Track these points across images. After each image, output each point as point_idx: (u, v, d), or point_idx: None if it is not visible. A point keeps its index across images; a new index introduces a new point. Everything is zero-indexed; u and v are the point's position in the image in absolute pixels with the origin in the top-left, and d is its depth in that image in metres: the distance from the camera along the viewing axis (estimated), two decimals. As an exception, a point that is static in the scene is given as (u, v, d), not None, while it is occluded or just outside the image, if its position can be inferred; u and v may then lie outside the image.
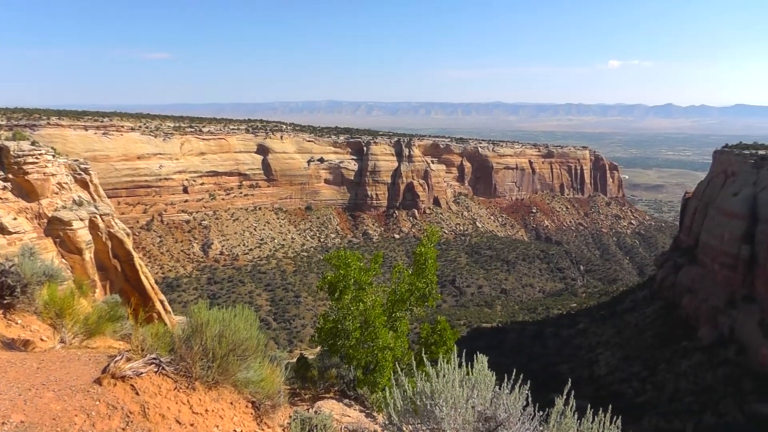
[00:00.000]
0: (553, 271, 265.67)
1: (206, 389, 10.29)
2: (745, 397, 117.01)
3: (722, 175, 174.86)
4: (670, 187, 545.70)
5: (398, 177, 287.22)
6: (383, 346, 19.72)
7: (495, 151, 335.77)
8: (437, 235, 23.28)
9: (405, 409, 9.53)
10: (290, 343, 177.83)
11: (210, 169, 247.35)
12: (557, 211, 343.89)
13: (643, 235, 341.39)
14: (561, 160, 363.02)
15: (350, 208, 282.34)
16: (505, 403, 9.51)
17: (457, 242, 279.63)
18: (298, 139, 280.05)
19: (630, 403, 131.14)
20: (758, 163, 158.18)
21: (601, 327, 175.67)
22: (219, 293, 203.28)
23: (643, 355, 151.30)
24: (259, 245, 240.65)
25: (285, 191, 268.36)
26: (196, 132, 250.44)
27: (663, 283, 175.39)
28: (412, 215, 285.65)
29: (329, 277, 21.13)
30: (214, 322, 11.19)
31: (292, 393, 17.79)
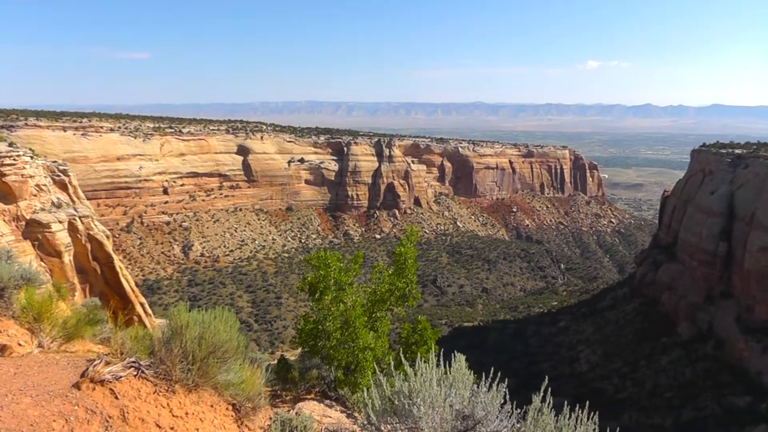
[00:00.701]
0: (534, 269, 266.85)
1: (186, 392, 10.22)
2: (723, 390, 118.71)
3: (700, 173, 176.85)
4: (649, 186, 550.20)
5: (379, 177, 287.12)
6: (364, 347, 19.72)
7: (475, 151, 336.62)
8: (417, 235, 23.30)
9: (383, 408, 9.57)
10: (272, 344, 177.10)
11: (190, 170, 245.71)
12: (538, 211, 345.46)
13: (622, 233, 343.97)
14: (541, 159, 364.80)
15: (331, 208, 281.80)
16: (483, 402, 9.59)
17: (438, 242, 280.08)
18: (279, 139, 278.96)
19: (611, 400, 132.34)
20: (735, 162, 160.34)
21: (582, 324, 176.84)
22: (200, 295, 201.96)
23: (624, 351, 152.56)
24: (239, 246, 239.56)
25: (265, 192, 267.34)
26: (176, 133, 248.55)
27: (643, 280, 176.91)
28: (393, 215, 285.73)
29: (309, 278, 21.10)
30: (194, 325, 11.14)
31: (273, 395, 17.76)
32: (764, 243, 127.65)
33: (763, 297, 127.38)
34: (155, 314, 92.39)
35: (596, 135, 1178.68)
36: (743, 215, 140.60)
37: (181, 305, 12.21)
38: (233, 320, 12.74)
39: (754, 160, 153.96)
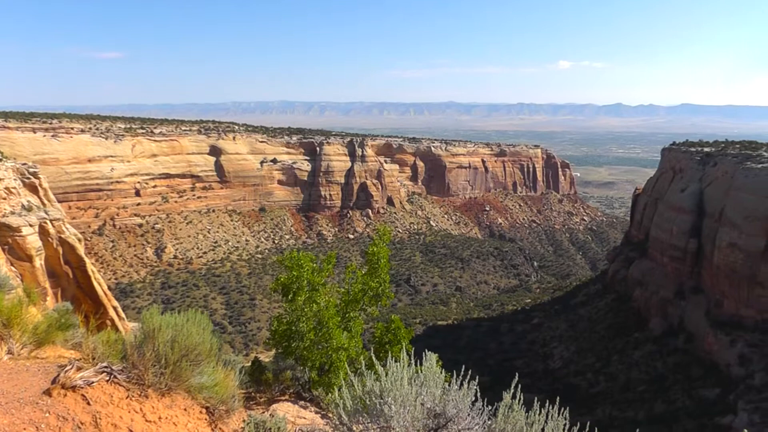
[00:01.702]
0: (507, 267, 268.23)
1: (159, 396, 10.16)
2: (693, 383, 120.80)
3: (670, 171, 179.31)
4: (621, 184, 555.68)
5: (352, 177, 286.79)
6: (337, 347, 19.77)
7: (448, 151, 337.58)
8: (389, 235, 23.40)
9: (355, 408, 9.63)
10: (246, 346, 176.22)
11: (162, 171, 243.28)
12: (510, 209, 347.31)
13: (595, 230, 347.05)
14: (513, 158, 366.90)
15: (304, 208, 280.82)
16: (454, 399, 9.70)
17: (412, 241, 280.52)
18: (251, 139, 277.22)
19: (585, 395, 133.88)
20: (704, 160, 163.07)
21: (555, 321, 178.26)
22: (173, 298, 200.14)
23: (597, 347, 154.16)
24: (213, 248, 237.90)
25: (238, 193, 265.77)
26: (148, 133, 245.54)
27: (615, 276, 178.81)
28: (366, 215, 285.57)
29: (282, 279, 21.08)
30: (167, 328, 11.09)
31: (247, 397, 17.73)
32: (732, 239, 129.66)
33: (732, 291, 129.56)
34: (128, 318, 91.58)
35: (568, 134, 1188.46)
36: (712, 212, 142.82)
37: (153, 308, 12.16)
38: (206, 322, 12.70)
39: (722, 158, 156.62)
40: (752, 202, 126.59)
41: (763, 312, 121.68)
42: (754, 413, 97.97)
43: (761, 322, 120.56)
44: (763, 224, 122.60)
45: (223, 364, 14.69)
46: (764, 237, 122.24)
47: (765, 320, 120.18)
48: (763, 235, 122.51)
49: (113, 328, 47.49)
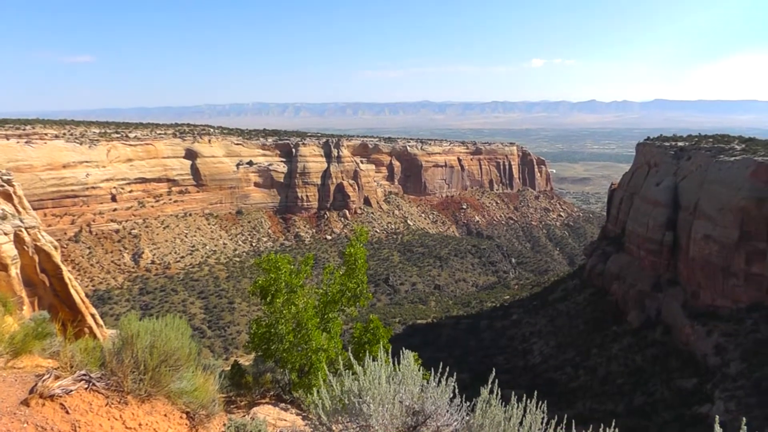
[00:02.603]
0: (486, 265, 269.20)
1: (139, 402, 10.14)
2: (671, 374, 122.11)
3: (645, 166, 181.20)
4: (597, 180, 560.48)
5: (328, 178, 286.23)
6: (317, 348, 19.81)
7: (424, 150, 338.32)
8: (366, 235, 23.48)
9: (334, 408, 9.70)
10: (226, 350, 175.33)
11: (138, 175, 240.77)
12: (487, 207, 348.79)
13: (571, 226, 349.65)
14: (489, 156, 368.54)
15: (281, 210, 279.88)
16: (432, 396, 9.81)
17: (389, 241, 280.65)
18: (227, 142, 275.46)
19: (565, 389, 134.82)
20: (678, 154, 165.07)
21: (534, 317, 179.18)
22: (152, 303, 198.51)
23: (576, 341, 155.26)
24: (190, 252, 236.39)
25: (215, 196, 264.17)
26: (123, 138, 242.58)
27: (592, 271, 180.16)
28: (344, 216, 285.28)
29: (260, 282, 21.11)
30: (145, 333, 11.08)
31: (227, 401, 17.74)
32: (707, 231, 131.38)
33: (707, 283, 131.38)
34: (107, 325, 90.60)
35: (543, 131, 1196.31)
36: (687, 205, 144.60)
37: (131, 314, 12.12)
38: (185, 327, 12.69)
39: (696, 152, 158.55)
40: (725, 194, 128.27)
41: (738, 302, 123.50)
42: (730, 401, 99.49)
43: (736, 312, 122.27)
44: (737, 216, 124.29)
45: (203, 368, 14.69)
46: (738, 228, 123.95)
47: (740, 310, 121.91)
48: (736, 227, 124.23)
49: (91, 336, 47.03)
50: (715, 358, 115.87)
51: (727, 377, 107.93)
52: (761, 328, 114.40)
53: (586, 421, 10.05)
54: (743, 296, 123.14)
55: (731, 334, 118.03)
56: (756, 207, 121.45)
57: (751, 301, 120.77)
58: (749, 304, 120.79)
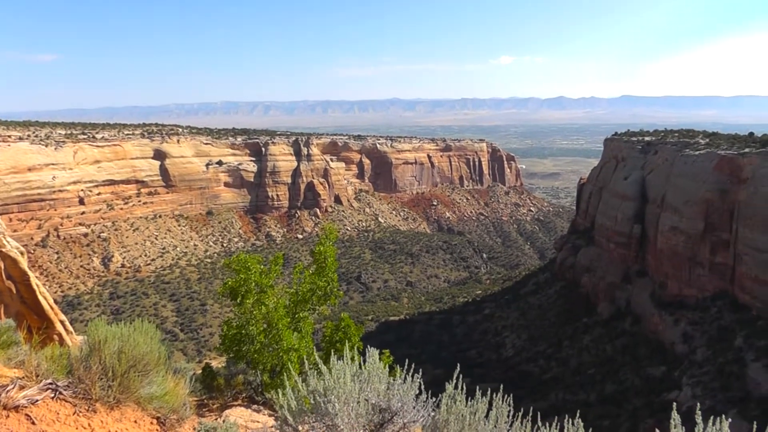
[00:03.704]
0: (457, 260, 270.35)
1: (108, 410, 10.02)
2: (641, 363, 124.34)
3: (613, 161, 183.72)
4: (566, 174, 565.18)
5: (298, 176, 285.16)
6: (288, 348, 19.76)
7: (393, 147, 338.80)
8: (336, 233, 23.47)
9: (300, 408, 9.77)
10: (199, 353, 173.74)
11: (106, 177, 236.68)
12: (458, 203, 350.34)
13: (542, 220, 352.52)
14: (459, 153, 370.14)
15: (252, 210, 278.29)
16: (398, 394, 9.93)
17: (361, 238, 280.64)
18: (196, 142, 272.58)
19: (538, 381, 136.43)
20: (645, 149, 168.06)
21: (506, 311, 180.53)
22: (123, 308, 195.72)
23: (548, 334, 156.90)
24: (161, 255, 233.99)
25: (185, 197, 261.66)
26: (90, 139, 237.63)
27: (563, 264, 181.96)
28: (314, 214, 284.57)
29: (230, 282, 21.01)
30: (113, 339, 10.99)
31: (199, 404, 17.68)
32: (674, 223, 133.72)
33: (675, 273, 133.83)
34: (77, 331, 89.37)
35: (512, 127, 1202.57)
36: (654, 198, 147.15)
37: (98, 320, 12.02)
38: (153, 331, 12.62)
39: (662, 146, 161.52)
40: (691, 187, 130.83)
41: (704, 291, 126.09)
42: (697, 387, 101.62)
43: (702, 300, 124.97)
44: (702, 208, 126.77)
45: (173, 372, 14.64)
46: (703, 220, 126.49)
47: (705, 298, 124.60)
48: (701, 218, 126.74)
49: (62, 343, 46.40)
50: (683, 346, 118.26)
51: (693, 364, 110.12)
52: (725, 316, 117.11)
53: (558, 412, 10.24)
54: (708, 285, 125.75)
55: (697, 322, 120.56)
56: (720, 199, 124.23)
57: (716, 290, 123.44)
58: (714, 293, 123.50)
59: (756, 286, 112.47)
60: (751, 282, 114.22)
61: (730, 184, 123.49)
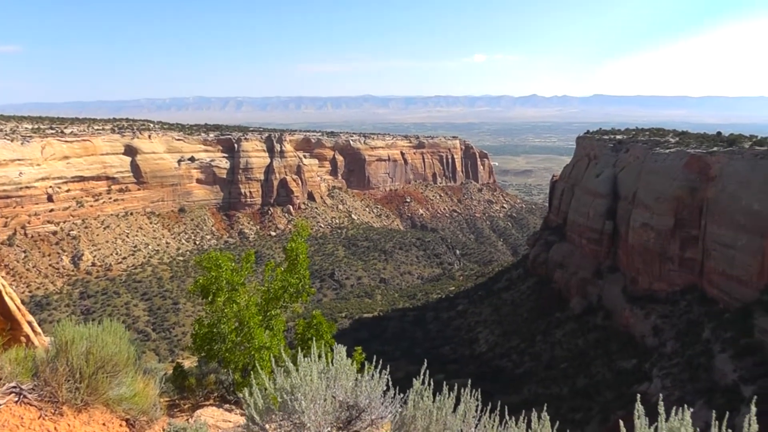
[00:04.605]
0: (430, 257, 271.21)
1: (75, 412, 9.84)
2: (613, 356, 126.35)
3: (585, 158, 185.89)
4: (539, 172, 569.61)
5: (271, 173, 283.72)
6: (260, 346, 19.67)
7: (367, 144, 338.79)
8: (308, 230, 23.38)
9: (267, 407, 9.78)
10: (172, 352, 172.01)
11: (76, 174, 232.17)
12: (431, 200, 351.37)
13: (515, 217, 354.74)
14: (432, 150, 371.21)
15: (224, 207, 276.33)
16: (366, 390, 9.98)
17: (334, 235, 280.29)
18: (167, 138, 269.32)
19: (511, 375, 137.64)
20: (617, 147, 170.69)
21: (480, 307, 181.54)
22: (93, 307, 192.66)
23: (520, 329, 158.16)
24: (132, 253, 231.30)
25: (156, 194, 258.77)
26: (58, 134, 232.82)
27: (536, 260, 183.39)
28: (287, 211, 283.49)
29: (201, 281, 20.86)
30: (81, 339, 10.84)
31: (171, 405, 17.58)
32: (645, 219, 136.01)
33: (645, 268, 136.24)
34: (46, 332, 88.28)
35: (485, 125, 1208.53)
36: (626, 195, 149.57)
37: (65, 320, 11.85)
38: (122, 331, 12.52)
39: (633, 144, 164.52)
40: (661, 184, 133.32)
41: (673, 285, 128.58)
42: (666, 378, 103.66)
43: (671, 294, 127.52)
44: (672, 204, 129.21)
45: (144, 372, 14.53)
46: (673, 216, 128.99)
47: (675, 292, 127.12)
48: (671, 214, 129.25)
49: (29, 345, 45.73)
50: (653, 339, 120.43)
51: (663, 356, 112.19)
52: (694, 309, 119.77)
53: (531, 406, 10.33)
54: (678, 280, 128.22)
55: (667, 316, 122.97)
56: (689, 196, 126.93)
57: (686, 284, 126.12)
58: (684, 287, 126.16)
59: (723, 280, 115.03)
60: (718, 276, 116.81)
61: (699, 181, 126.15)
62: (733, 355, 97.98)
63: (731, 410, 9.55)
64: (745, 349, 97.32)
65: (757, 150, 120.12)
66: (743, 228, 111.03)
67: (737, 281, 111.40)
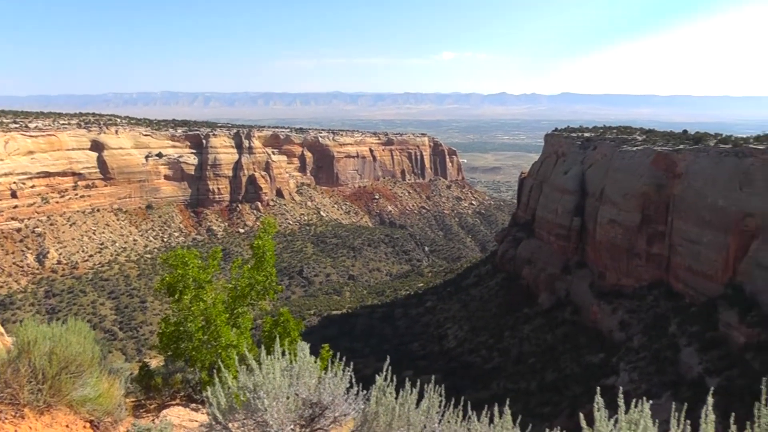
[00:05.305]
0: (399, 254, 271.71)
1: (38, 415, 9.66)
2: (581, 351, 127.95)
3: (554, 155, 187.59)
4: (507, 169, 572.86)
5: (239, 170, 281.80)
6: (226, 344, 19.59)
7: (335, 140, 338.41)
8: (275, 227, 23.28)
9: (229, 406, 9.78)
10: (139, 351, 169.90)
11: (41, 169, 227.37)
12: (400, 196, 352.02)
13: (483, 214, 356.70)
14: (401, 147, 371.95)
15: (192, 204, 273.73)
16: (329, 387, 10.03)
17: (303, 232, 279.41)
18: (135, 133, 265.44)
19: (480, 371, 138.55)
20: (584, 144, 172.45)
21: (448, 303, 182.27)
22: (59, 307, 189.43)
23: (489, 325, 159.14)
24: (99, 250, 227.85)
25: (123, 190, 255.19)
26: (22, 128, 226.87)
27: (504, 256, 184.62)
28: (256, 208, 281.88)
29: (167, 278, 20.71)
30: (43, 339, 10.69)
31: (137, 405, 17.41)
32: (612, 216, 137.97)
33: (613, 264, 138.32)
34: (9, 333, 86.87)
35: (454, 122, 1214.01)
36: (594, 192, 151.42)
37: (28, 320, 11.68)
38: (87, 330, 12.40)
39: (601, 142, 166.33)
40: (629, 181, 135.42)
41: (641, 280, 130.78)
42: (633, 372, 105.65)
43: (638, 289, 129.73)
44: (639, 201, 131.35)
45: (109, 372, 14.37)
46: (640, 212, 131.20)
47: (642, 287, 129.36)
48: (638, 211, 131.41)
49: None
50: (620, 334, 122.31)
51: (630, 350, 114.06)
52: (660, 304, 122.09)
53: (500, 401, 10.44)
54: (645, 275, 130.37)
55: (634, 311, 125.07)
56: (656, 192, 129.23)
57: (652, 279, 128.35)
58: (650, 282, 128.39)
59: (689, 275, 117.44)
60: (684, 271, 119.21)
61: (665, 178, 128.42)
62: (698, 348, 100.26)
63: (697, 402, 9.84)
64: (710, 342, 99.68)
65: (721, 148, 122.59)
66: (709, 224, 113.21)
67: (703, 276, 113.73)
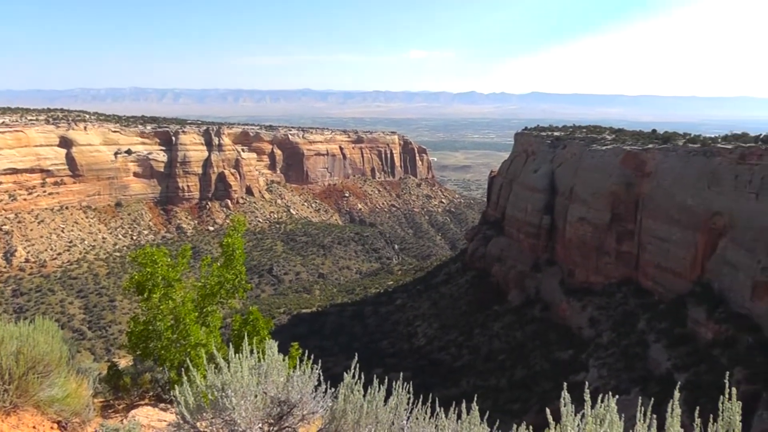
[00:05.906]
0: (369, 252, 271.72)
1: (4, 416, 9.59)
2: (550, 347, 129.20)
3: (523, 154, 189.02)
4: (477, 167, 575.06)
5: (209, 167, 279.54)
6: (196, 343, 19.53)
7: (305, 138, 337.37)
8: (244, 225, 23.25)
9: (198, 404, 9.82)
10: (108, 351, 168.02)
11: (8, 166, 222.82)
12: (370, 194, 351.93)
13: (453, 212, 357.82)
14: (371, 145, 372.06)
15: (162, 201, 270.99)
16: (297, 386, 10.12)
17: (272, 230, 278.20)
18: (104, 129, 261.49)
19: (449, 368, 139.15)
20: (554, 143, 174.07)
21: (418, 301, 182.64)
22: (26, 306, 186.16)
23: (459, 322, 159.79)
24: (68, 248, 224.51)
25: (92, 187, 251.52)
26: None
27: (474, 254, 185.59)
28: (226, 206, 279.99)
29: (136, 277, 20.58)
30: (10, 339, 10.62)
31: (105, 405, 17.31)
32: (582, 214, 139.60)
33: (582, 261, 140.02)
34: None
35: (424, 121, 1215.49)
36: (563, 190, 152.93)
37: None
38: (55, 329, 12.33)
39: (570, 141, 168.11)
40: (598, 179, 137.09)
41: (610, 278, 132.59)
42: (602, 368, 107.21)
43: (608, 287, 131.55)
44: (608, 199, 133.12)
45: (77, 372, 14.28)
46: (609, 211, 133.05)
47: (611, 285, 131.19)
48: (608, 209, 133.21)
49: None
50: (590, 330, 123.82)
51: (600, 347, 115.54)
52: (629, 301, 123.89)
53: (469, 398, 10.58)
54: (614, 272, 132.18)
55: (603, 308, 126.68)
56: (625, 191, 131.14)
57: (621, 277, 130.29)
58: (619, 280, 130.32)
59: (658, 272, 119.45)
60: (653, 269, 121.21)
61: (634, 177, 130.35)
62: (666, 344, 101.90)
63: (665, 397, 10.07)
64: (679, 338, 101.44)
65: (690, 147, 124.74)
66: (677, 222, 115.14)
67: (671, 273, 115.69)
